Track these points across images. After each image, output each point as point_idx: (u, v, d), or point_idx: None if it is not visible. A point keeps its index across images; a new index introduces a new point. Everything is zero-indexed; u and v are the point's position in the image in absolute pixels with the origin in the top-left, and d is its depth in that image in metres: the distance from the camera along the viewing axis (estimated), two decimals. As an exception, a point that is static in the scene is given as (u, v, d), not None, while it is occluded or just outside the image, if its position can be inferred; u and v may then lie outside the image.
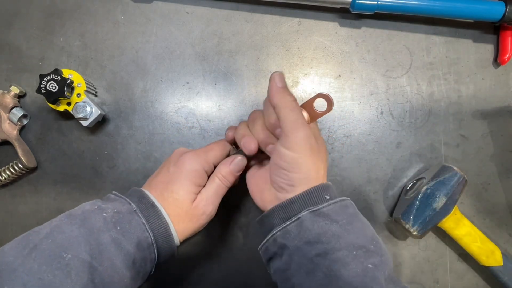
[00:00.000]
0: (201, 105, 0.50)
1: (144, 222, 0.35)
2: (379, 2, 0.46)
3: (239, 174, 0.40)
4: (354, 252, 0.31)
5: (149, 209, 0.36)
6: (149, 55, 0.51)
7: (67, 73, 0.47)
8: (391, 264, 0.33)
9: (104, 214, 0.34)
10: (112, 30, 0.51)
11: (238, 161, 0.40)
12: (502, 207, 0.49)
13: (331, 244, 0.31)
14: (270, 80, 0.36)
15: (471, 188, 0.49)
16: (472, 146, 0.50)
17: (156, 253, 0.36)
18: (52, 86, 0.44)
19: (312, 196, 0.34)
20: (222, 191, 0.39)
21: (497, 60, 0.49)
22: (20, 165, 0.48)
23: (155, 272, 0.37)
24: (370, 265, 0.31)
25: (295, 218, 0.34)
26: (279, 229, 0.35)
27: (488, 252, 0.45)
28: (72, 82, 0.46)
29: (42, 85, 0.44)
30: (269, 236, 0.35)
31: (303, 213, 0.33)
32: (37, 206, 0.51)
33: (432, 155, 0.50)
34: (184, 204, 0.37)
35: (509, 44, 0.48)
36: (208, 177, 0.40)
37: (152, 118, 0.50)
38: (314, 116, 0.38)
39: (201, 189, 0.39)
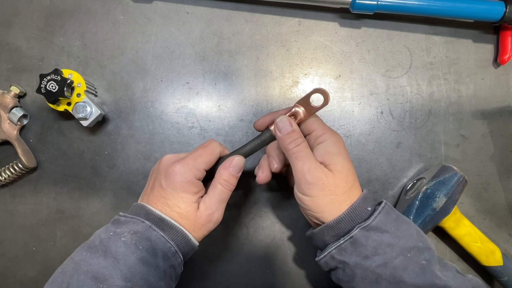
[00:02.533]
0: (201, 105, 0.50)
1: (163, 234, 0.35)
2: (379, 2, 0.46)
3: (239, 174, 0.40)
4: (409, 255, 0.34)
5: (159, 223, 0.36)
6: (149, 55, 0.51)
7: (67, 73, 0.47)
8: (433, 247, 0.36)
9: (123, 239, 0.34)
10: (112, 30, 0.51)
11: (236, 162, 0.39)
12: (502, 207, 0.49)
13: (387, 254, 0.34)
14: (275, 129, 0.38)
15: (471, 188, 0.49)
16: (472, 146, 0.50)
17: (181, 257, 0.37)
18: (52, 86, 0.44)
19: (356, 212, 0.35)
20: (226, 196, 0.39)
21: (497, 60, 0.49)
22: (20, 165, 0.48)
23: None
24: (424, 262, 0.34)
25: (348, 237, 0.35)
26: (333, 247, 0.36)
27: (488, 252, 0.45)
28: (72, 82, 0.46)
29: (42, 85, 0.44)
30: (325, 253, 0.37)
31: (355, 232, 0.34)
32: (37, 206, 0.51)
33: (432, 155, 0.50)
34: (189, 215, 0.37)
35: (509, 44, 0.48)
36: (203, 182, 0.39)
37: (152, 118, 0.50)
38: (311, 111, 0.38)
39: (200, 195, 0.38)
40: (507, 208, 0.49)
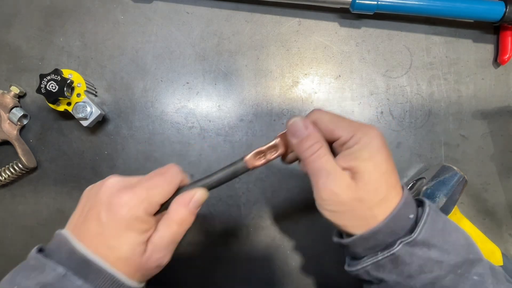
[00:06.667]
0: (201, 105, 0.50)
1: (81, 283, 0.28)
2: (379, 2, 0.46)
3: (198, 210, 0.32)
4: (459, 271, 0.28)
5: (83, 266, 0.28)
6: (149, 55, 0.51)
7: (67, 73, 0.47)
8: (484, 257, 0.31)
9: None
10: (112, 30, 0.51)
11: (198, 197, 0.32)
12: (502, 207, 0.49)
13: (435, 272, 0.28)
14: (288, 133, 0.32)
15: (471, 188, 0.49)
16: (472, 146, 0.50)
17: None
18: (52, 86, 0.44)
19: (396, 222, 0.29)
20: (181, 236, 0.32)
21: (497, 60, 0.49)
22: (20, 165, 0.48)
23: None
24: (476, 277, 0.29)
25: (388, 254, 0.29)
26: (369, 262, 0.30)
27: (488, 252, 0.45)
28: (72, 82, 0.46)
29: (42, 85, 0.44)
30: (359, 267, 0.31)
31: (397, 248, 0.28)
32: (37, 206, 0.51)
33: (432, 155, 0.50)
34: (131, 261, 0.29)
35: (509, 44, 0.48)
36: (155, 214, 0.31)
37: (152, 118, 0.50)
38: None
39: (151, 233, 0.31)
40: (507, 208, 0.49)
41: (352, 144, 0.30)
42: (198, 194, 0.32)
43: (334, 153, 0.32)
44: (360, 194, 0.29)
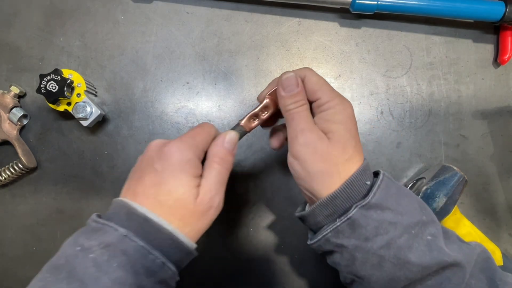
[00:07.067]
0: (201, 105, 0.50)
1: (143, 244, 0.29)
2: (379, 2, 0.46)
3: (235, 151, 0.36)
4: (413, 231, 0.30)
5: (144, 225, 0.30)
6: (149, 55, 0.51)
7: (67, 73, 0.47)
8: (436, 219, 0.33)
9: (92, 255, 0.28)
10: (112, 30, 0.51)
11: (231, 137, 0.35)
12: (502, 207, 0.49)
13: (390, 233, 0.30)
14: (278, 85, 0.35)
15: (471, 188, 0.49)
16: (472, 146, 0.50)
17: (173, 268, 0.31)
18: (52, 86, 0.44)
19: (353, 187, 0.31)
20: (225, 176, 0.34)
21: (497, 60, 0.49)
22: (20, 165, 0.48)
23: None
24: (429, 237, 0.31)
25: (345, 218, 0.31)
26: (329, 230, 0.32)
27: (488, 252, 0.45)
28: (72, 82, 0.46)
29: (42, 85, 0.44)
30: (320, 236, 0.33)
31: (353, 212, 0.30)
32: (37, 206, 0.51)
33: (432, 155, 0.50)
34: (188, 203, 0.31)
35: (509, 44, 0.48)
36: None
37: (152, 118, 0.50)
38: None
39: (199, 180, 0.33)
40: (507, 208, 0.49)
41: (327, 108, 0.33)
42: (229, 134, 0.35)
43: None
44: (331, 150, 0.32)
